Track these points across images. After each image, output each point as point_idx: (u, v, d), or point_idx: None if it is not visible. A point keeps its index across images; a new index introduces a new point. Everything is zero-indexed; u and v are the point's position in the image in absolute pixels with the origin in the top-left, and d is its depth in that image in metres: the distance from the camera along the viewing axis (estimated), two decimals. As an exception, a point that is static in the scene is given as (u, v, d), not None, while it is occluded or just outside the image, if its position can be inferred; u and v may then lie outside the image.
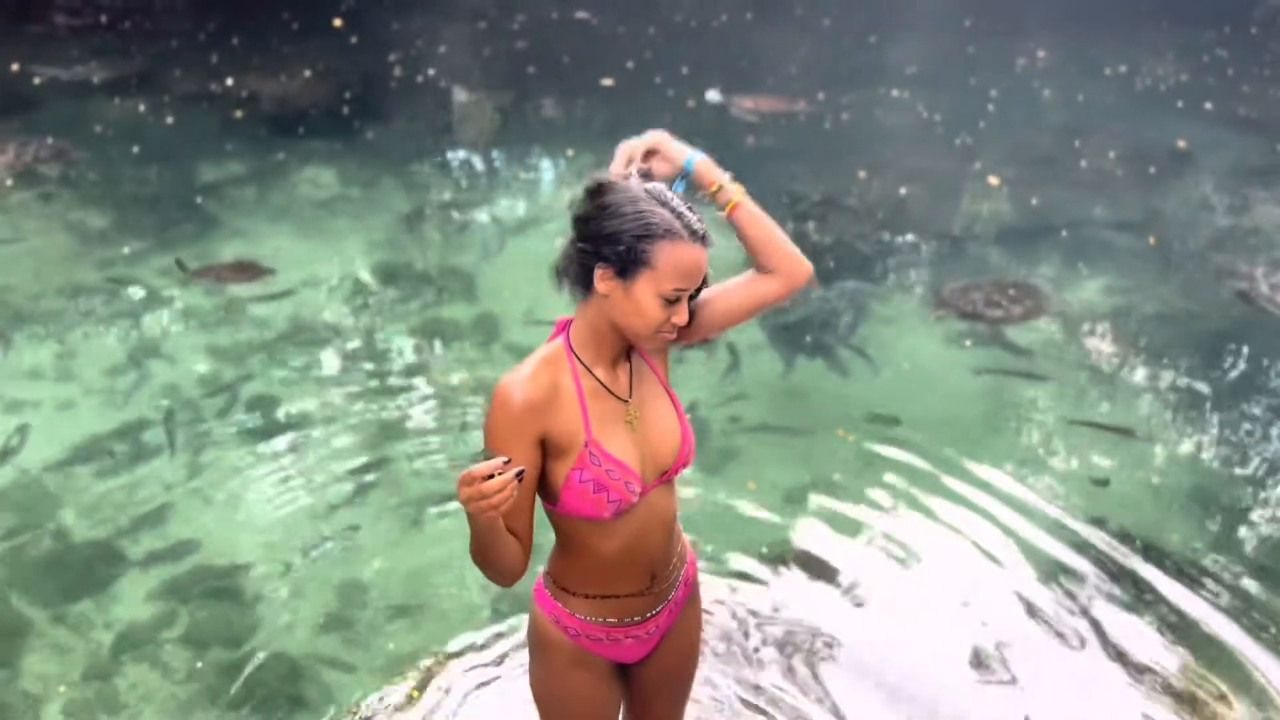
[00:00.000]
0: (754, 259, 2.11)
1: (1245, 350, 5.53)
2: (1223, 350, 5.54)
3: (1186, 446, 4.77)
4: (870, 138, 8.46)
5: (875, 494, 4.33)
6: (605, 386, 2.01)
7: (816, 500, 4.28)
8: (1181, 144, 8.25)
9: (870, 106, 9.10)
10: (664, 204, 1.90)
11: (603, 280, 1.91)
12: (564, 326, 2.04)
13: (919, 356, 5.41)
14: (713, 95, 8.69)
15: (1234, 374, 5.36)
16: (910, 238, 6.73)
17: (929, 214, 7.06)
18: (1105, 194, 7.40)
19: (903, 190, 7.34)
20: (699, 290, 2.01)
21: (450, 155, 8.10)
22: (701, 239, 1.92)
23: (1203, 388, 5.22)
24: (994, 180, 7.58)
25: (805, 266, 2.11)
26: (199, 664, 3.52)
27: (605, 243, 1.89)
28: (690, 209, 1.93)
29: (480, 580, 3.81)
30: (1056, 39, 10.90)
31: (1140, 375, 5.38)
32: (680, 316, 1.94)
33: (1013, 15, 11.26)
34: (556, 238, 2.05)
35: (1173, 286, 6.19)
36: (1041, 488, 4.41)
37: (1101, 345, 5.60)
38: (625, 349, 2.04)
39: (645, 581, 2.12)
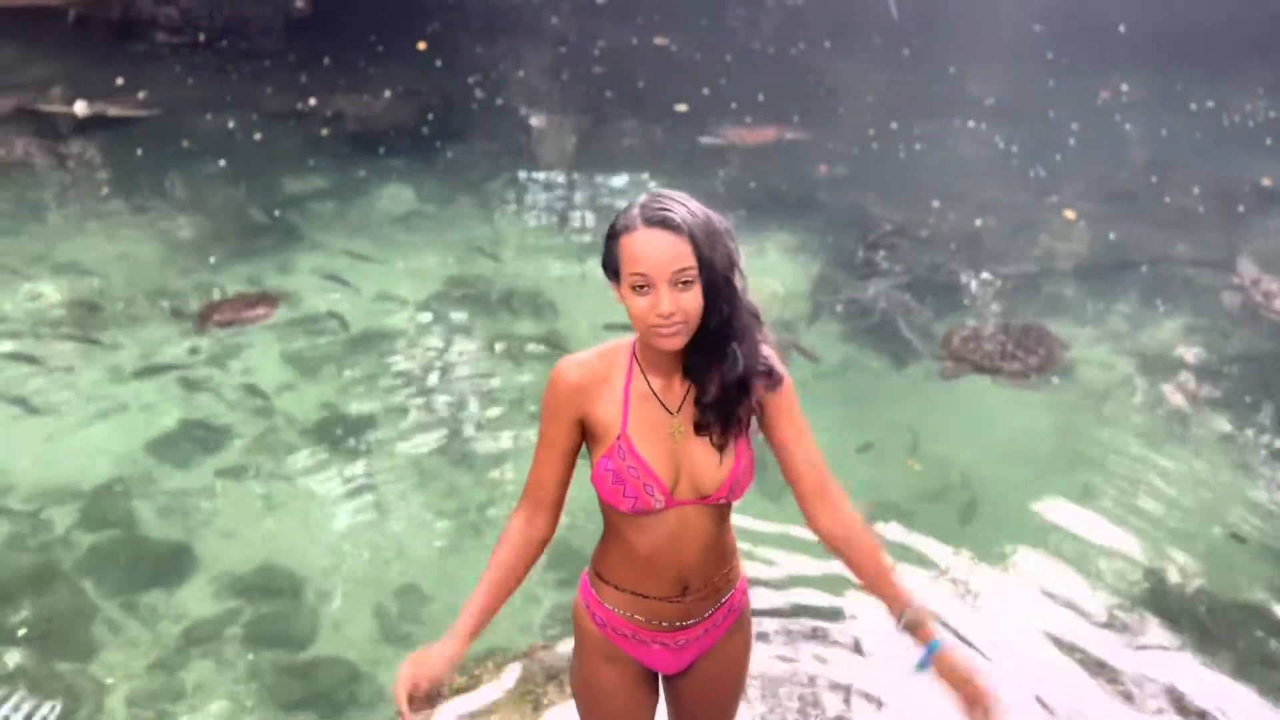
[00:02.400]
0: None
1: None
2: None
3: (1261, 495, 4.63)
4: (945, 168, 8.40)
5: (940, 525, 4.28)
6: (655, 394, 2.05)
7: (883, 529, 4.24)
8: (1267, 181, 8.04)
9: (946, 137, 9.04)
10: (639, 204, 1.93)
11: (614, 291, 1.99)
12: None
13: (984, 394, 5.34)
14: (706, 139, 8.66)
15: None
16: (985, 272, 6.65)
17: (1003, 247, 6.97)
18: (1187, 231, 7.24)
19: (978, 222, 7.26)
20: (707, 279, 1.90)
21: (526, 176, 8.24)
22: (660, 224, 1.88)
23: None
24: (1070, 214, 7.46)
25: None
26: (259, 662, 3.61)
27: (603, 257, 1.99)
28: (657, 199, 1.92)
29: (538, 590, 3.86)
30: (1141, 73, 10.71)
31: (1217, 419, 5.24)
32: (664, 304, 1.88)
33: (1096, 49, 11.10)
34: None
35: (1257, 328, 6.02)
36: (1107, 531, 4.32)
37: (1178, 386, 5.46)
38: (682, 365, 2.04)
39: (676, 589, 2.13)
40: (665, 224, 1.89)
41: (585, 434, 2.09)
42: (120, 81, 9.32)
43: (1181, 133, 9.27)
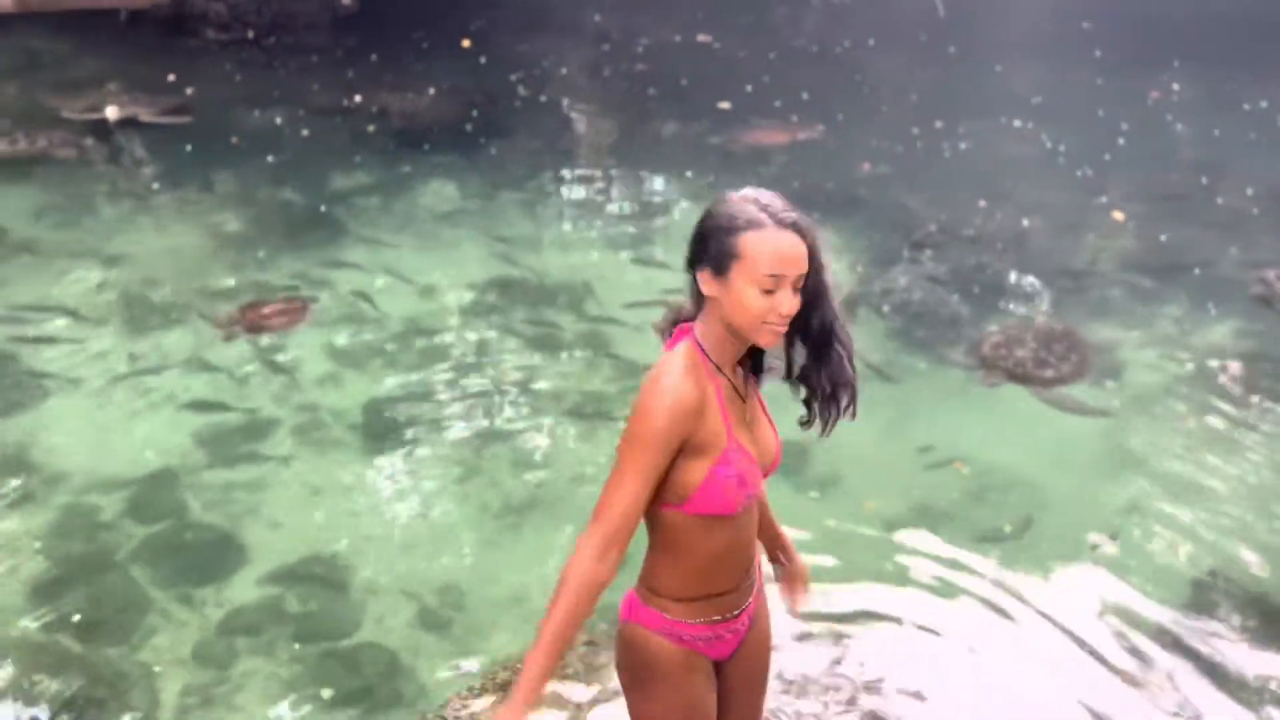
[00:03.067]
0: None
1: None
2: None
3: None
4: (991, 167, 8.31)
5: (988, 527, 4.24)
6: (735, 389, 2.09)
7: (929, 534, 4.22)
8: (1324, 184, 7.89)
9: (991, 136, 8.94)
10: (753, 201, 1.99)
11: (705, 282, 2.00)
12: (683, 333, 2.09)
13: (1026, 397, 5.28)
14: (715, 139, 8.50)
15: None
16: (1032, 273, 6.58)
17: (1050, 247, 6.89)
18: (1240, 234, 7.11)
19: (1024, 222, 7.18)
20: (815, 283, 2.01)
21: (569, 173, 8.26)
22: (791, 226, 1.96)
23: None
24: (1119, 215, 7.36)
25: None
26: (304, 651, 3.66)
27: (701, 245, 2.01)
28: (782, 202, 2.00)
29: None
30: (1192, 73, 10.53)
31: (1268, 422, 5.14)
32: (785, 305, 1.96)
33: (1146, 48, 10.92)
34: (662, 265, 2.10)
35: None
36: (1158, 535, 4.26)
37: (1230, 390, 5.37)
38: (742, 353, 2.09)
39: (742, 576, 2.16)
40: (795, 227, 1.97)
41: (678, 455, 2.00)
42: (171, 78, 9.46)
43: (1234, 133, 9.10)
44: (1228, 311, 6.09)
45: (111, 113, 8.45)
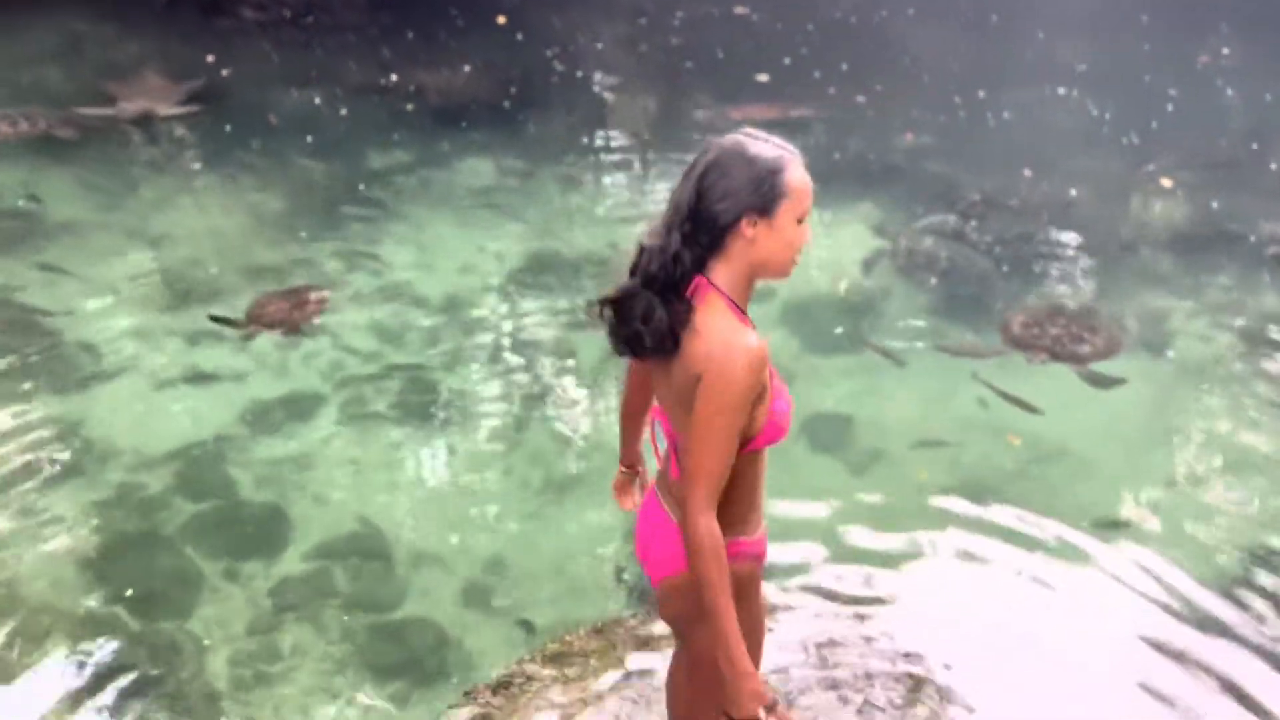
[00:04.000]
0: None
1: None
2: None
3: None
4: (1035, 137, 8.17)
5: (1038, 499, 4.19)
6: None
7: (967, 504, 4.17)
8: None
9: (1035, 105, 8.78)
10: (765, 141, 2.07)
11: (750, 226, 2.04)
12: (703, 285, 2.08)
13: (1071, 385, 5.20)
14: (701, 113, 8.27)
15: None
16: (1079, 242, 6.46)
17: (1097, 217, 6.77)
18: (1293, 201, 6.95)
19: (1071, 192, 7.05)
20: None
21: (606, 148, 8.22)
22: (804, 164, 2.08)
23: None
24: (1167, 183, 7.21)
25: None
26: (352, 624, 3.69)
27: (752, 193, 2.02)
28: (772, 136, 2.10)
29: (617, 560, 3.88)
30: (1243, 37, 10.26)
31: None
32: (809, 234, 2.09)
33: (1195, 12, 10.66)
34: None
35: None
36: (1205, 507, 4.18)
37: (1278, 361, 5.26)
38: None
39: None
40: (800, 157, 2.09)
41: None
42: (210, 59, 9.51)
43: (1287, 97, 8.88)
44: (1281, 280, 5.96)
45: (126, 109, 8.41)
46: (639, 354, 2.13)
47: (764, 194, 2.01)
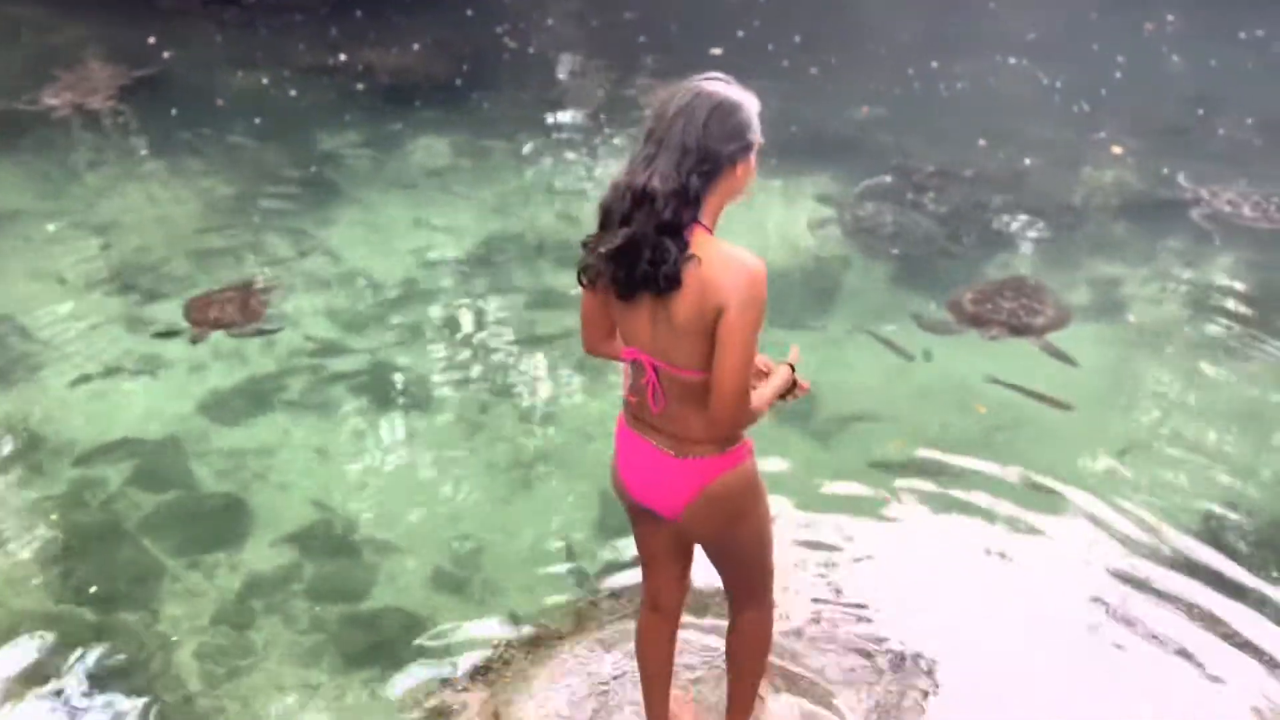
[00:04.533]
0: None
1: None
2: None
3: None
4: (988, 106, 8.23)
5: (1001, 461, 4.24)
6: None
7: (935, 470, 4.22)
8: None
9: (988, 74, 8.84)
10: (725, 80, 2.24)
11: (743, 164, 2.23)
12: (694, 229, 2.21)
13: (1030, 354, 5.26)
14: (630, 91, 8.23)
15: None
16: (1032, 211, 6.52)
17: (1050, 185, 6.84)
18: (1242, 164, 7.05)
19: (1026, 161, 7.12)
20: None
21: (560, 125, 8.15)
22: None
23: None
24: (1118, 150, 7.29)
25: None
26: (322, 614, 3.65)
27: (744, 133, 2.21)
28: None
29: (586, 538, 3.87)
30: (1185, 3, 10.40)
31: (1269, 355, 5.12)
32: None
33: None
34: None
35: (1253, 238, 5.87)
36: (1163, 466, 4.26)
37: (1233, 322, 5.35)
38: None
39: None
40: None
41: None
42: (152, 41, 9.28)
43: (1231, 63, 9.02)
44: (1231, 243, 6.06)
45: (67, 95, 8.15)
46: (634, 293, 2.24)
47: (754, 133, 2.22)
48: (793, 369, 2.50)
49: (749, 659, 2.76)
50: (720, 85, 2.22)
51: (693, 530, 2.49)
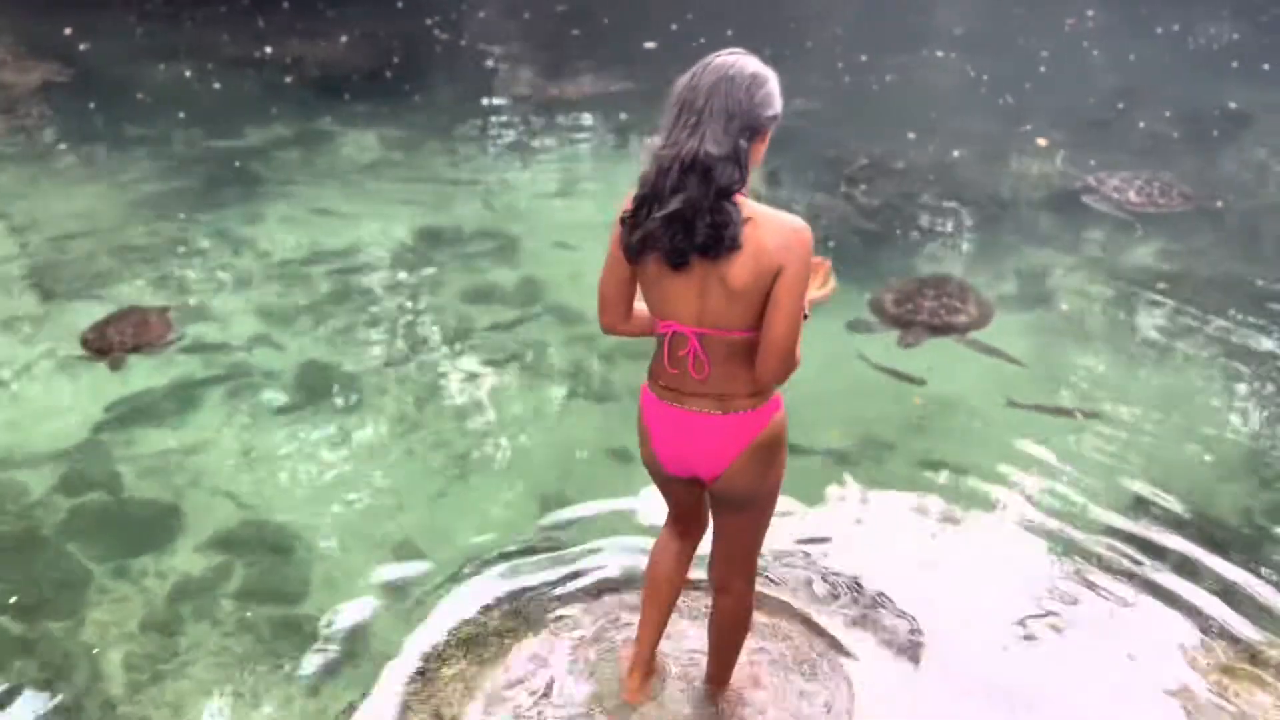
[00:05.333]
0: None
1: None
2: (1277, 319, 5.42)
3: (1234, 411, 4.67)
4: (918, 99, 8.34)
5: (925, 454, 4.30)
6: None
7: (870, 460, 4.26)
8: (1234, 104, 8.05)
9: (916, 68, 8.96)
10: (743, 54, 2.34)
11: (770, 131, 2.34)
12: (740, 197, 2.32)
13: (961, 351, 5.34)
14: (521, 90, 8.23)
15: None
16: (961, 201, 6.63)
17: (979, 176, 6.95)
18: (1161, 155, 7.24)
19: (955, 153, 7.23)
20: None
21: (493, 118, 8.09)
22: None
23: (1258, 348, 5.11)
24: (1043, 142, 7.44)
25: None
26: (254, 618, 3.57)
27: (775, 100, 2.33)
28: None
29: (524, 535, 3.84)
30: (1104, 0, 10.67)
31: (1193, 337, 5.27)
32: None
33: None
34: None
35: (1229, 250, 6.06)
36: (1090, 453, 4.35)
37: (1155, 308, 5.49)
38: None
39: None
40: None
41: None
42: (68, 32, 9.01)
43: (1149, 57, 9.26)
44: (1153, 232, 6.22)
45: None
46: (688, 261, 2.30)
47: (780, 105, 2.32)
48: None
49: (735, 631, 2.90)
50: (750, 58, 2.31)
51: (732, 486, 2.59)
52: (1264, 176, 7.06)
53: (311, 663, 3.39)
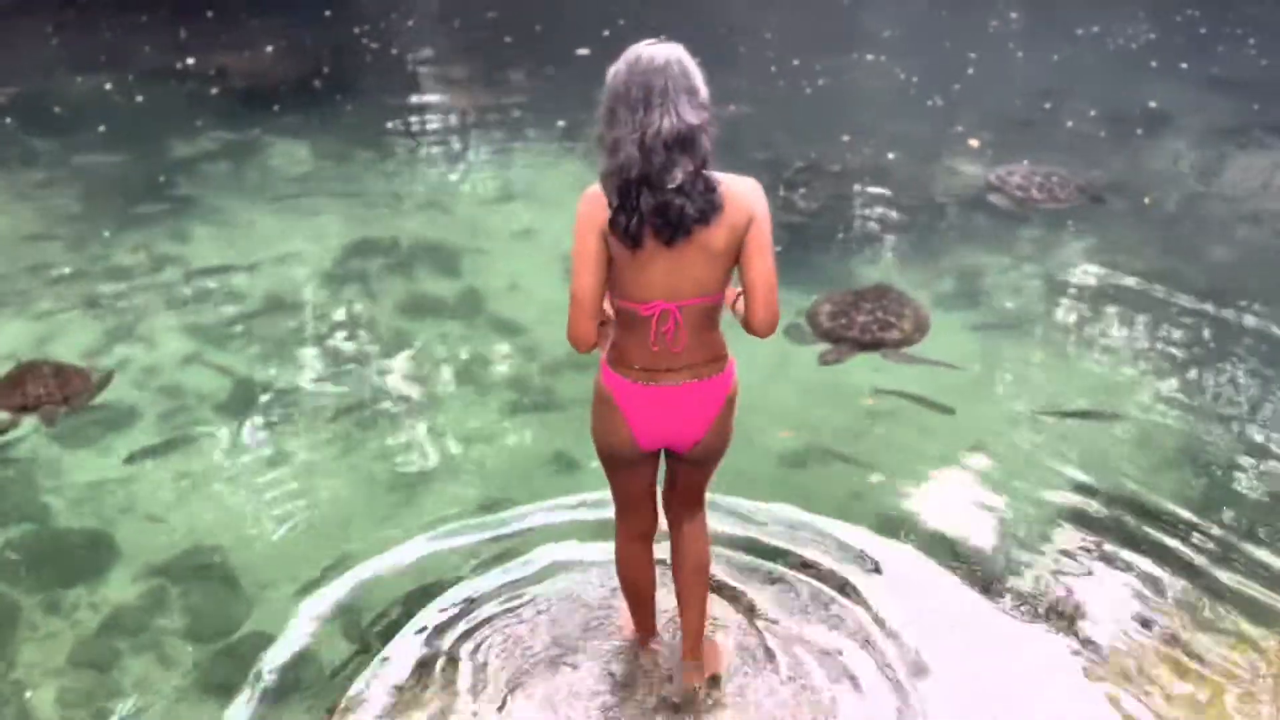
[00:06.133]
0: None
1: (1234, 308, 5.54)
2: (1208, 308, 5.54)
3: (1168, 406, 4.77)
4: (850, 102, 8.42)
5: (866, 449, 4.32)
6: None
7: (815, 462, 4.27)
8: (1154, 104, 8.26)
9: (847, 71, 9.05)
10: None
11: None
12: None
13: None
14: (432, 97, 8.08)
15: (1220, 331, 5.37)
16: (895, 202, 6.70)
17: (914, 177, 7.02)
18: (1088, 153, 7.38)
19: (890, 155, 7.30)
20: None
21: (427, 128, 7.98)
22: None
23: (1190, 340, 5.23)
24: (974, 143, 7.55)
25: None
26: (192, 648, 3.45)
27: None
28: None
29: (474, 546, 3.77)
30: (1026, 2, 10.87)
31: (1127, 331, 5.37)
32: None
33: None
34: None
35: (1157, 244, 6.19)
36: (1028, 449, 4.41)
37: (1089, 304, 5.59)
38: None
39: None
40: None
41: None
42: (-21, 44, 8.71)
43: (1071, 58, 9.45)
44: (1085, 229, 6.34)
45: None
46: (685, 234, 2.41)
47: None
48: None
49: (706, 566, 3.03)
50: (675, 44, 2.44)
51: (709, 446, 2.76)
52: (1186, 172, 7.25)
53: (253, 693, 3.28)
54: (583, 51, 9.25)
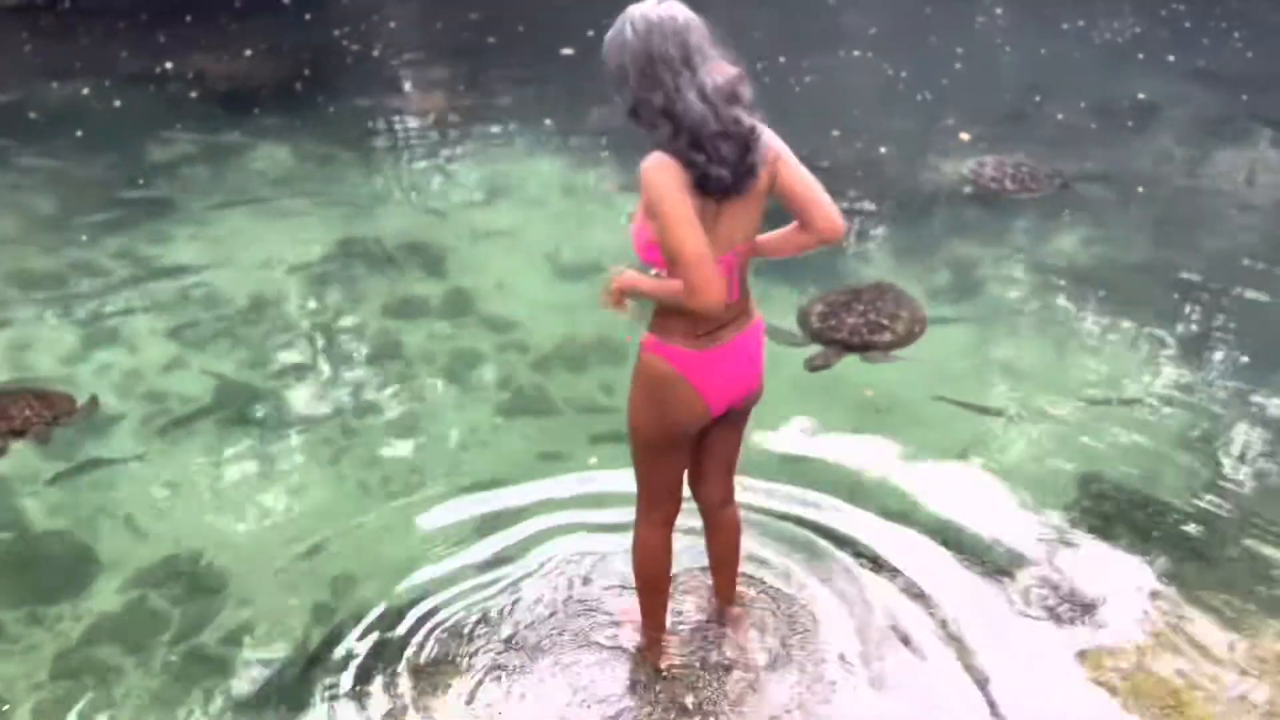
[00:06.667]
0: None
1: (1226, 300, 5.50)
2: (1197, 300, 5.50)
3: (1161, 396, 4.71)
4: (838, 98, 8.35)
5: (867, 445, 4.24)
6: None
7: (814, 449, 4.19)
8: (1143, 95, 8.23)
9: (834, 68, 8.99)
10: None
11: None
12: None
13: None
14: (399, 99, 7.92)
15: (1212, 322, 5.32)
16: (888, 196, 6.63)
17: (905, 172, 6.96)
18: (1079, 146, 7.34)
19: (881, 150, 7.24)
20: None
21: (410, 129, 7.87)
22: None
23: (1186, 333, 5.18)
24: (965, 137, 7.50)
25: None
26: (178, 658, 3.35)
27: None
28: None
29: (466, 549, 3.68)
30: (1010, -2, 10.86)
31: (1119, 323, 5.31)
32: None
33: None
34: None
35: (1148, 235, 6.15)
36: (1022, 447, 4.35)
37: (1082, 296, 5.54)
38: None
39: None
40: None
41: None
42: (-47, 50, 8.57)
43: (1059, 52, 9.41)
44: (1078, 220, 6.28)
45: None
46: (757, 177, 2.48)
47: None
48: None
49: (740, 533, 3.18)
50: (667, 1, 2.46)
51: (760, 387, 2.83)
52: (1174, 164, 7.21)
53: (248, 706, 3.18)
54: (567, 51, 9.17)
